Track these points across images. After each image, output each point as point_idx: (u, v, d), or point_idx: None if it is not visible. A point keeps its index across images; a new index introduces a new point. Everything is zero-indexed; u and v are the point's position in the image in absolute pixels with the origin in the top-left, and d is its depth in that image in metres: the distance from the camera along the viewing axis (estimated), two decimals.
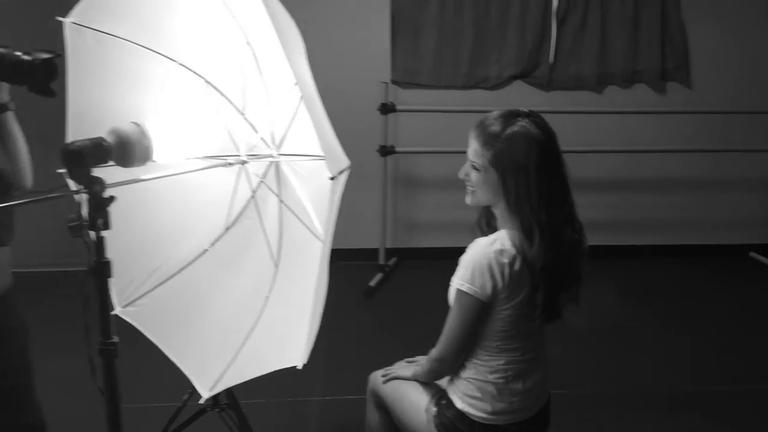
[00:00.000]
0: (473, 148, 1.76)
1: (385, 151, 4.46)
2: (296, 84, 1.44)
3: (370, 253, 4.65)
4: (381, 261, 4.61)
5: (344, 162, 1.32)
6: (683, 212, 4.88)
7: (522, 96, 4.63)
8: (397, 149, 4.52)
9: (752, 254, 4.86)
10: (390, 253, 4.75)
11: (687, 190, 4.86)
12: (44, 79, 1.41)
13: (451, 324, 1.79)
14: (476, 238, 1.80)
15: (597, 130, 4.63)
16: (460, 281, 1.73)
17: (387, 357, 2.22)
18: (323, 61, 4.74)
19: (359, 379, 2.19)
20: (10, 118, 1.70)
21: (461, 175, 1.82)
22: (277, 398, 2.89)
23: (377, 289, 4.32)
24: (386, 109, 4.41)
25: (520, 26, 4.55)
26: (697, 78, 4.69)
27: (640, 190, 4.85)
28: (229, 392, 2.11)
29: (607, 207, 4.79)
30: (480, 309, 1.73)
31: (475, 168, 1.76)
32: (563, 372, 3.06)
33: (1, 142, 1.69)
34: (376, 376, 2.08)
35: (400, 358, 2.13)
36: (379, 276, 4.44)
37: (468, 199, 1.84)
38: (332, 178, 1.24)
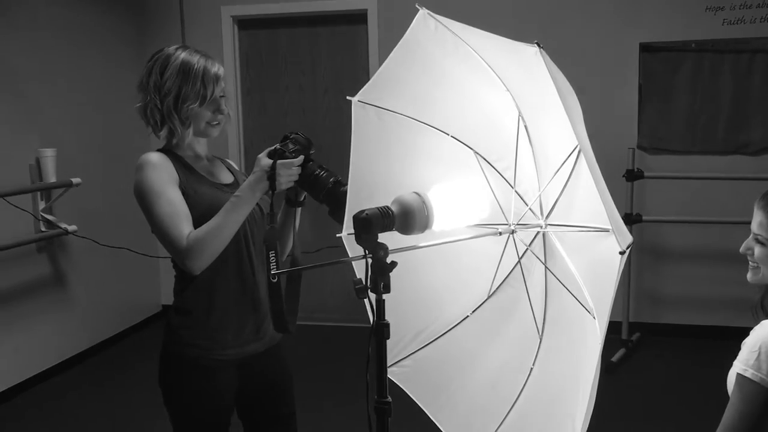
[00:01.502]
0: (758, 220, 1.62)
1: (631, 219, 4.26)
2: (571, 154, 1.43)
3: (613, 327, 4.41)
4: (624, 336, 4.35)
5: (629, 237, 1.27)
6: None
7: None
8: (644, 218, 4.29)
9: None
10: (633, 327, 4.47)
11: None
12: (341, 215, 1.62)
13: (729, 416, 1.61)
14: (761, 319, 1.63)
15: None
16: (743, 366, 1.56)
17: None
18: None
19: None
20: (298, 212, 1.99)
21: (743, 249, 1.68)
22: None
23: (620, 364, 4.06)
24: (632, 176, 4.24)
25: None
26: None
27: None
28: None
29: None
30: (767, 400, 1.54)
31: (759, 242, 1.61)
32: None
33: (285, 228, 1.97)
34: None
35: None
36: (621, 351, 4.19)
37: (750, 276, 1.68)
38: (622, 253, 1.20)
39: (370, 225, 1.37)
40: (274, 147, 1.82)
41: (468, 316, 1.74)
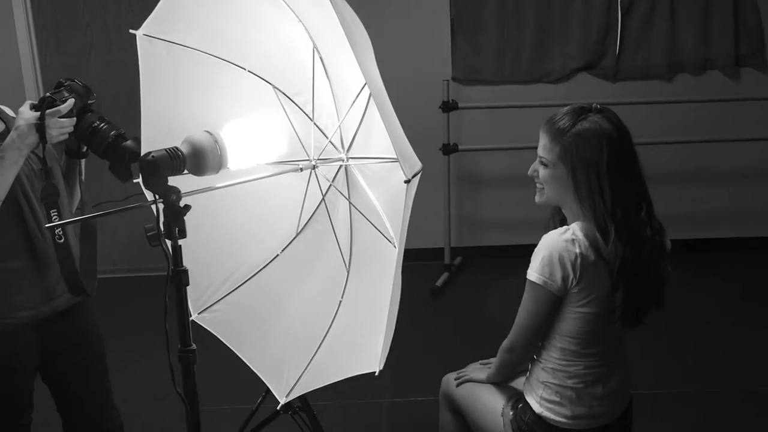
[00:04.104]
0: (542, 143, 1.73)
1: (448, 149, 4.42)
2: (365, 85, 1.43)
3: (436, 253, 4.62)
4: (447, 260, 4.57)
5: (417, 165, 1.30)
6: (759, 202, 4.66)
7: (587, 88, 4.51)
8: (460, 147, 4.47)
9: None
10: (455, 252, 4.71)
11: (764, 179, 4.64)
12: (127, 173, 1.51)
13: (522, 313, 1.75)
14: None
15: (668, 120, 4.47)
16: (530, 272, 1.69)
17: (457, 358, 2.19)
18: (383, 60, 4.76)
19: (430, 381, 2.16)
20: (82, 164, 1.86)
21: (530, 172, 1.79)
22: (348, 400, 2.90)
23: (444, 288, 4.28)
24: (448, 107, 4.37)
25: (584, 17, 4.43)
26: None
27: (717, 181, 4.66)
28: (302, 395, 2.12)
29: (682, 200, 4.62)
30: (551, 301, 1.68)
31: (543, 164, 1.73)
32: (646, 371, 2.97)
33: (70, 181, 1.84)
34: (449, 379, 2.05)
35: (470, 359, 2.10)
36: (445, 275, 4.41)
37: (537, 198, 1.79)
38: (407, 182, 1.22)
39: (157, 168, 1.29)
40: (44, 96, 1.64)
41: (278, 255, 1.72)
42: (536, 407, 1.79)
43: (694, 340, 3.44)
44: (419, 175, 1.28)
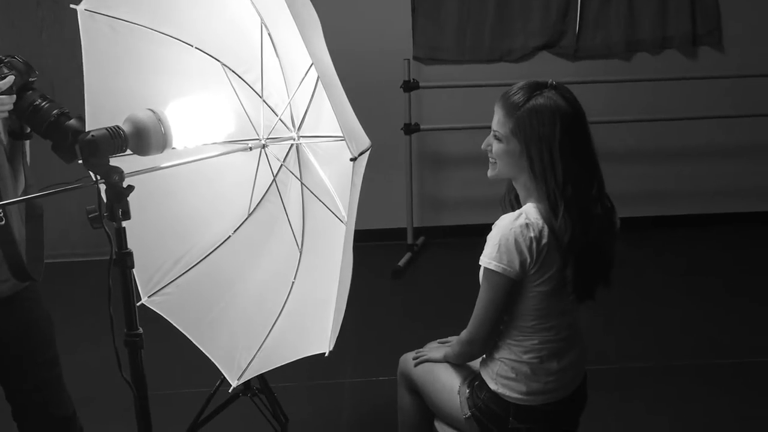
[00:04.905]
0: (496, 117, 1.73)
1: (410, 129, 4.40)
2: (312, 64, 1.40)
3: (398, 233, 4.61)
4: (409, 240, 4.57)
5: (365, 142, 1.28)
6: (717, 180, 4.75)
7: (548, 67, 4.52)
8: (422, 127, 4.46)
9: None
10: (418, 232, 4.70)
11: (723, 157, 4.72)
12: (71, 153, 1.44)
13: (480, 304, 1.75)
14: (506, 212, 1.75)
15: (627, 98, 4.51)
16: (487, 259, 1.68)
17: (418, 337, 2.19)
18: (343, 40, 4.68)
19: (390, 360, 2.16)
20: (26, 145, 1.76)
21: (484, 146, 1.78)
22: (308, 381, 2.89)
23: (406, 269, 4.28)
24: (409, 86, 4.35)
25: None
26: (729, 41, 4.53)
27: (675, 159, 4.73)
28: (261, 377, 2.10)
29: (638, 177, 4.68)
30: (509, 287, 1.68)
31: (497, 138, 1.72)
32: (601, 347, 3.01)
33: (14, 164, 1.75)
34: (407, 359, 2.05)
35: (431, 339, 2.10)
36: (407, 256, 4.40)
37: (489, 172, 1.79)
38: (353, 159, 1.20)
39: (97, 147, 1.25)
40: None
41: (230, 236, 1.70)
42: (492, 384, 1.79)
43: (647, 315, 3.50)
44: (368, 153, 1.26)
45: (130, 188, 1.29)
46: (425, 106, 4.64)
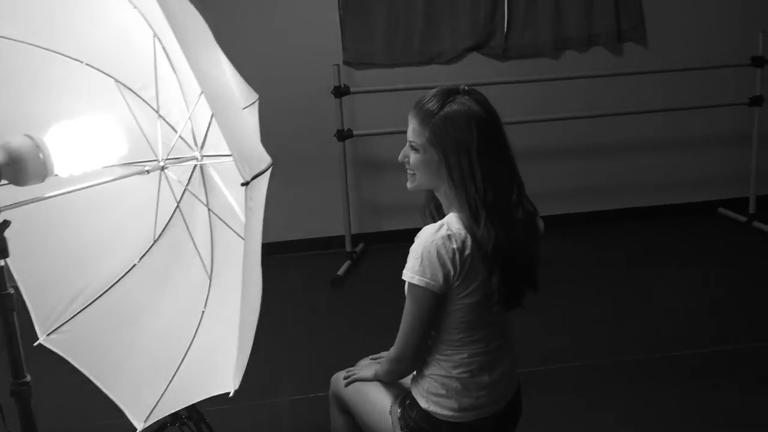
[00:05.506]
0: (411, 127, 1.67)
1: (343, 135, 4.32)
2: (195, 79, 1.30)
3: (337, 241, 4.53)
4: (348, 248, 4.49)
5: (263, 161, 1.19)
6: (649, 173, 4.82)
7: (478, 68, 4.49)
8: (355, 132, 4.38)
9: (720, 210, 4.82)
10: (357, 239, 4.63)
11: (650, 151, 4.79)
12: None
13: (406, 319, 1.68)
14: (428, 223, 1.69)
15: (557, 96, 4.52)
16: (410, 273, 1.62)
17: (357, 350, 2.11)
18: (271, 48, 4.60)
19: (330, 376, 2.08)
20: None
21: (401, 158, 1.72)
22: (244, 402, 2.77)
23: (345, 277, 4.19)
24: (340, 92, 4.27)
25: None
26: (653, 37, 4.60)
27: (605, 155, 4.77)
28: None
29: (573, 174, 4.70)
30: (434, 301, 1.62)
31: (414, 148, 1.66)
32: (533, 348, 2.99)
33: None
34: (338, 378, 1.97)
35: (372, 350, 2.02)
36: (347, 264, 4.32)
37: (408, 184, 1.73)
38: (245, 184, 1.11)
39: None
40: None
41: (135, 265, 1.58)
42: (423, 402, 1.73)
43: (581, 312, 3.50)
44: (268, 173, 1.17)
45: (6, 223, 1.17)
46: (358, 111, 4.56)
